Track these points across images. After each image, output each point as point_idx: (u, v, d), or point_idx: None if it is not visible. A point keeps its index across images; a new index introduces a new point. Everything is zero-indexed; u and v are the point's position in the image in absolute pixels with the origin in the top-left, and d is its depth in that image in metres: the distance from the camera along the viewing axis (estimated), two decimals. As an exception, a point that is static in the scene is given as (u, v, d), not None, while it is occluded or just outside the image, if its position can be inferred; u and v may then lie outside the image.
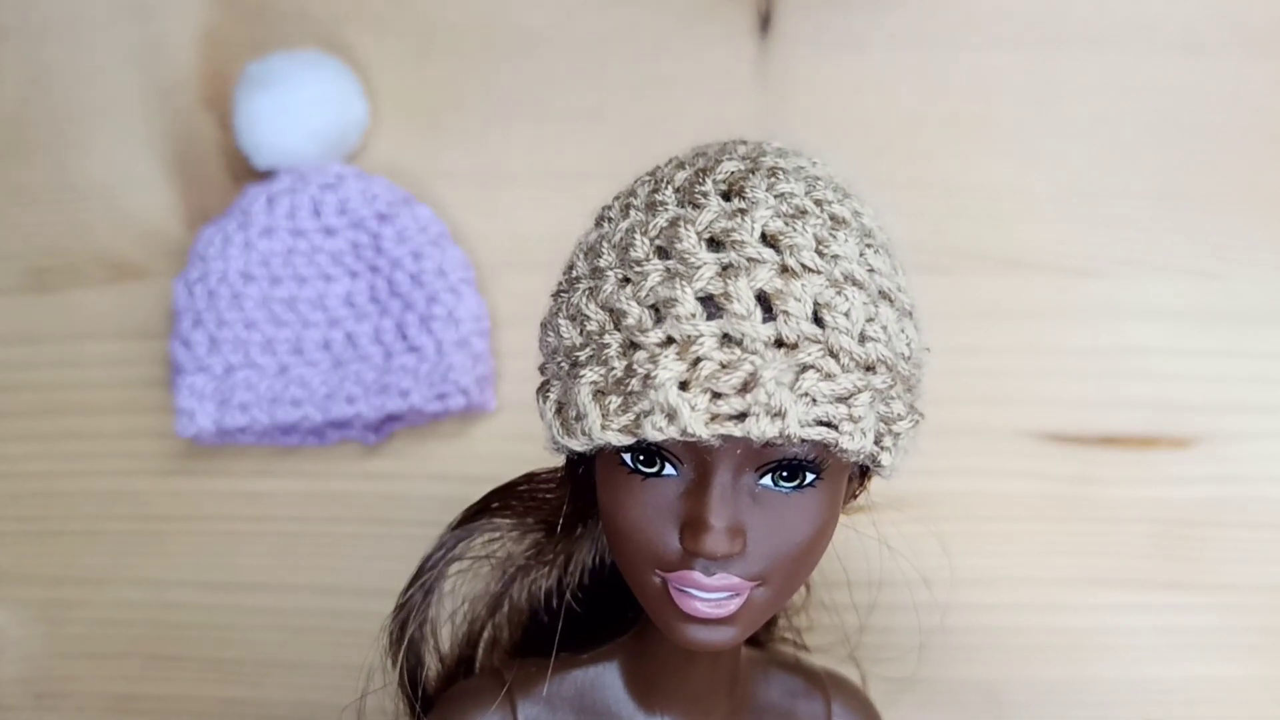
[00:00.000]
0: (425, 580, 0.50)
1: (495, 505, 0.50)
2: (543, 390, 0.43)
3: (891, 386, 0.41)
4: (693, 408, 0.37)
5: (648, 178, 0.44)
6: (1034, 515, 0.63)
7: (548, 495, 0.49)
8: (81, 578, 0.68)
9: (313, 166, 0.64)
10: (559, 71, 0.66)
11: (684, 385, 0.38)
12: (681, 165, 0.44)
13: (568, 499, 0.46)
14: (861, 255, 0.41)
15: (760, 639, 0.54)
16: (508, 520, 0.50)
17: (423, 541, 0.66)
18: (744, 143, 0.45)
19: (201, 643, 0.67)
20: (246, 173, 0.66)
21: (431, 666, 0.51)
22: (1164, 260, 0.64)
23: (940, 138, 0.64)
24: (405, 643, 0.50)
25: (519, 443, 0.65)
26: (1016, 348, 0.64)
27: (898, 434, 0.41)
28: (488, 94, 0.66)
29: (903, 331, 0.42)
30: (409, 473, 0.66)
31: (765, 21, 0.65)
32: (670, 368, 0.38)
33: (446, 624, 0.52)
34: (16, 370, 0.68)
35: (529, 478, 0.50)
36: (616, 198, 0.45)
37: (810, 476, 0.40)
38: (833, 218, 0.41)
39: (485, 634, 0.52)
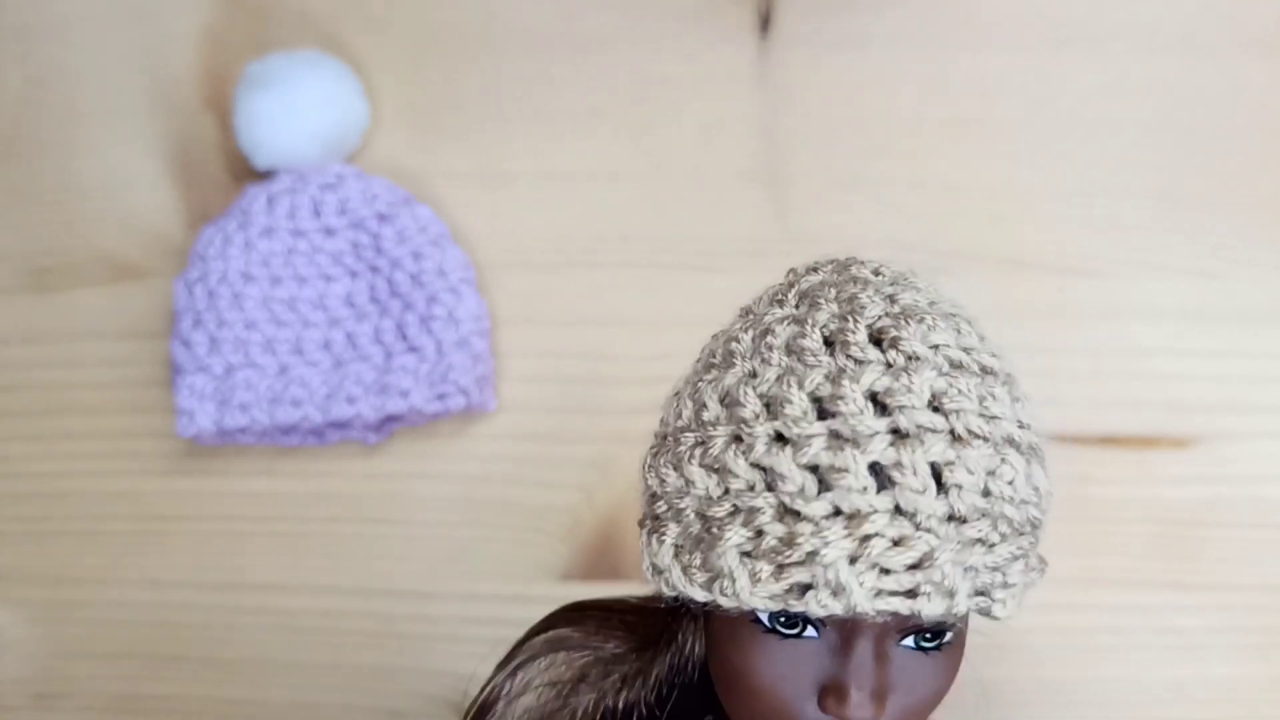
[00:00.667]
0: (491, 707, 0.48)
1: (575, 619, 0.48)
2: (655, 531, 0.40)
3: (1034, 544, 0.40)
4: (861, 585, 0.36)
5: (780, 314, 0.41)
6: (1034, 515, 0.63)
7: (626, 619, 0.47)
8: (82, 578, 0.68)
9: (313, 166, 0.64)
10: (559, 71, 0.66)
11: (852, 560, 0.36)
12: (815, 302, 0.41)
13: (669, 635, 0.45)
14: (1014, 411, 0.40)
15: None
16: (579, 637, 0.48)
17: (422, 541, 0.66)
18: (863, 264, 0.43)
19: (201, 643, 0.67)
20: (247, 173, 0.66)
21: None
22: (1164, 260, 0.64)
23: (940, 138, 0.64)
24: None
25: (519, 443, 0.65)
26: (1016, 348, 0.63)
27: (1030, 584, 0.40)
28: (488, 94, 0.66)
29: (1049, 487, 0.41)
30: (409, 473, 0.66)
31: (765, 21, 0.65)
32: (840, 544, 0.36)
33: None
34: (16, 370, 0.68)
35: (618, 601, 0.48)
36: (744, 330, 0.42)
37: (950, 635, 0.40)
38: (983, 369, 0.39)
39: None
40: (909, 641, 0.39)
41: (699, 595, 0.38)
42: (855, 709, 0.38)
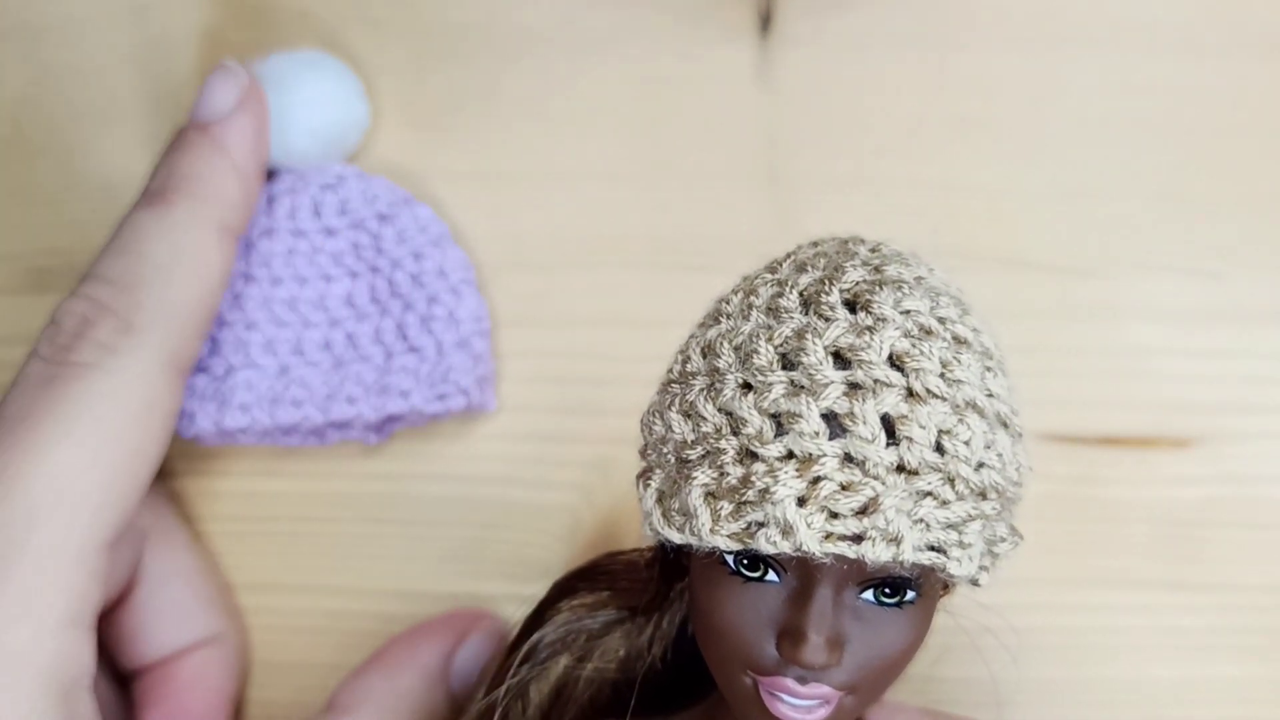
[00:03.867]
0: (508, 686, 0.50)
1: (574, 589, 0.51)
2: (644, 477, 0.43)
3: (1000, 511, 0.41)
4: (809, 525, 0.38)
5: (770, 277, 0.44)
6: (1034, 515, 0.63)
7: (626, 581, 0.50)
8: (82, 578, 0.68)
9: (313, 167, 0.64)
10: (559, 71, 0.66)
11: (802, 501, 0.38)
12: (803, 267, 0.43)
13: (657, 581, 0.47)
14: (982, 379, 0.41)
15: None
16: (586, 603, 0.50)
17: (423, 541, 0.66)
18: (862, 241, 0.45)
19: (202, 643, 0.67)
20: (247, 173, 0.66)
21: None
22: (1164, 260, 0.64)
23: (940, 138, 0.64)
24: None
25: (519, 443, 0.65)
26: (1016, 348, 0.63)
27: (998, 555, 0.42)
28: (488, 94, 0.66)
29: (1015, 456, 0.42)
30: (409, 473, 0.66)
31: (765, 21, 0.65)
32: (790, 484, 0.38)
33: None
34: (16, 370, 0.68)
35: (609, 557, 0.51)
36: (735, 292, 0.45)
37: (911, 594, 0.41)
38: (955, 338, 0.41)
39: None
40: (869, 595, 0.41)
41: (675, 537, 0.40)
42: (810, 653, 0.39)
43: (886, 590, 0.41)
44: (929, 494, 0.39)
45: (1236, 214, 0.64)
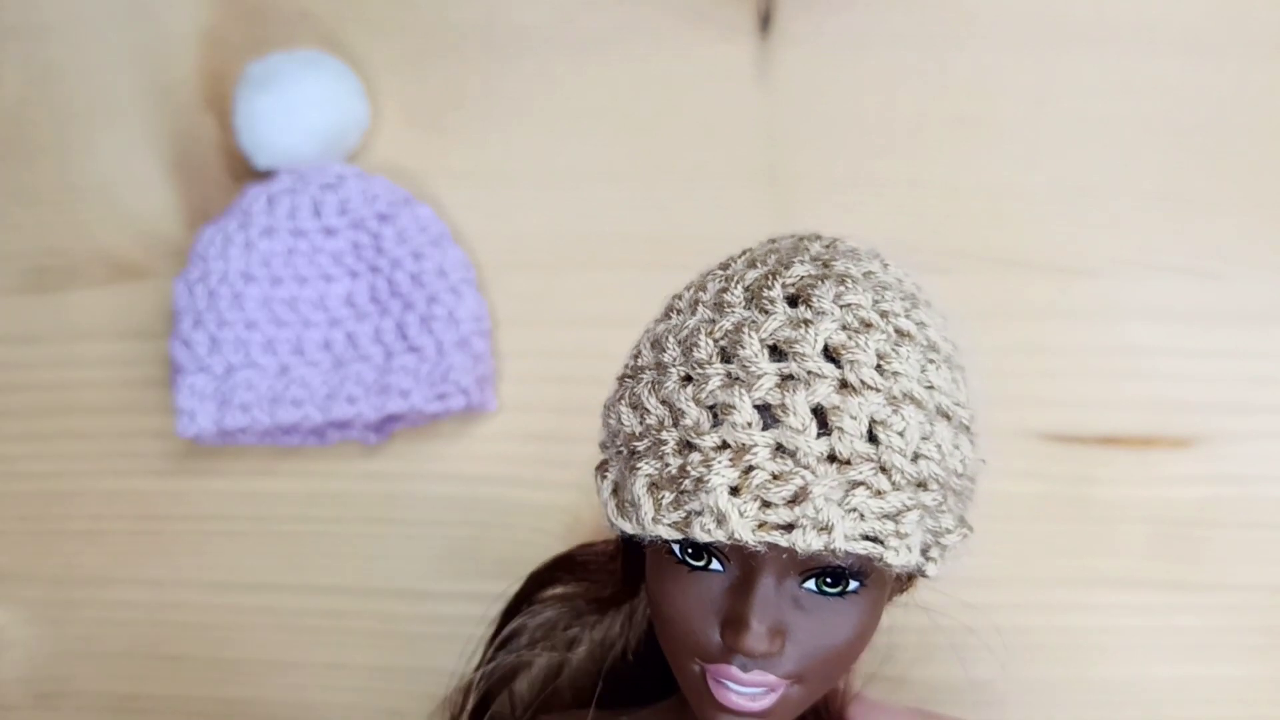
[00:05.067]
0: (486, 668, 0.52)
1: (551, 580, 0.52)
2: (602, 469, 0.44)
3: (942, 503, 0.41)
4: (741, 514, 0.38)
5: (720, 272, 0.45)
6: (1034, 515, 0.63)
7: (597, 572, 0.51)
8: (82, 578, 0.68)
9: (313, 166, 0.64)
10: (559, 71, 0.66)
11: (735, 491, 0.39)
12: (753, 263, 0.44)
13: (621, 571, 0.48)
14: (923, 371, 0.41)
15: None
16: (560, 594, 0.52)
17: (423, 541, 0.66)
18: (818, 239, 0.45)
19: (202, 643, 0.67)
20: (247, 173, 0.66)
21: None
22: (1164, 260, 0.64)
23: (940, 138, 0.64)
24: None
25: (519, 443, 0.65)
26: (1016, 348, 0.64)
27: (945, 546, 0.42)
28: (488, 94, 0.66)
29: (957, 448, 0.42)
30: (409, 473, 0.66)
31: (765, 21, 0.65)
32: (723, 473, 0.39)
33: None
34: (16, 370, 0.68)
35: (582, 548, 0.52)
36: (688, 288, 0.45)
37: (854, 584, 0.41)
38: (898, 331, 0.41)
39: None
40: (811, 585, 0.41)
41: (627, 528, 0.41)
42: (751, 640, 0.40)
43: (828, 580, 0.41)
44: (861, 484, 0.39)
45: (1236, 214, 0.64)
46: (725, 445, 0.39)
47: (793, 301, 0.41)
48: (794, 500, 0.38)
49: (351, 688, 0.66)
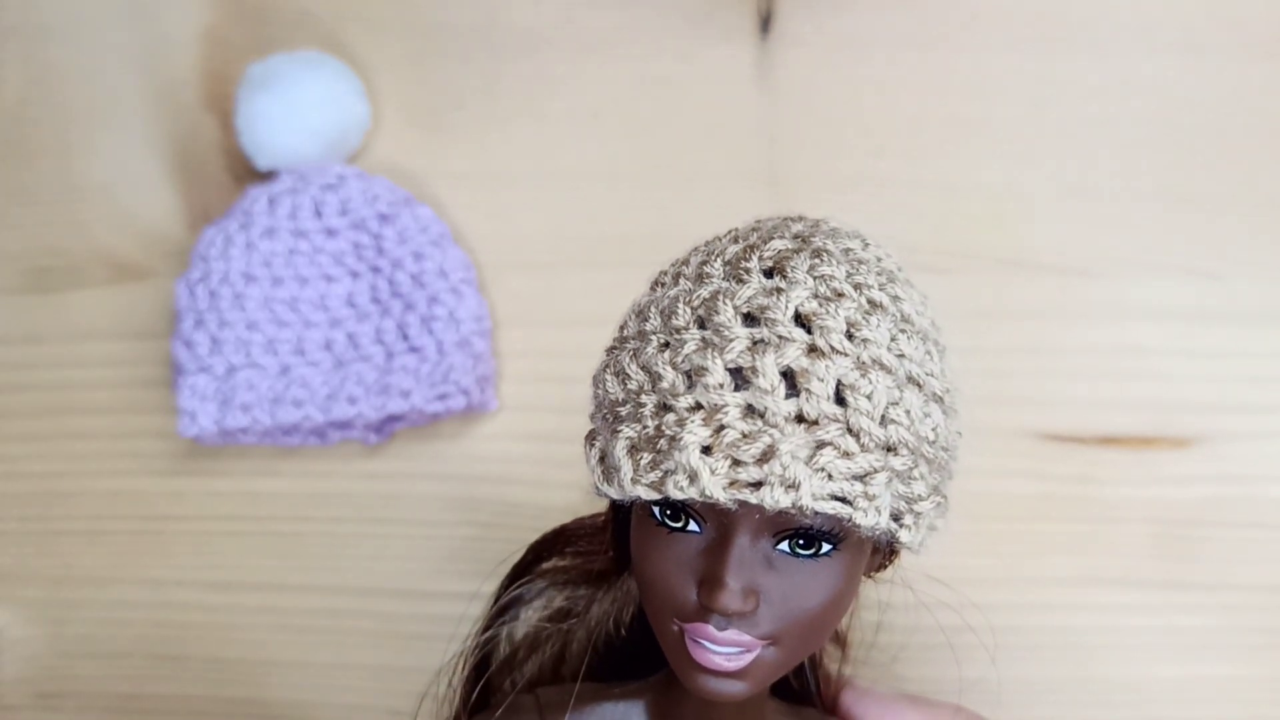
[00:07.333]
0: (483, 639, 0.53)
1: (549, 552, 0.53)
2: (590, 439, 0.45)
3: (913, 468, 0.42)
4: (712, 472, 0.40)
5: (703, 248, 0.46)
6: (1034, 515, 0.63)
7: (591, 545, 0.52)
8: (83, 578, 0.68)
9: (314, 167, 0.64)
10: (559, 71, 0.66)
11: (707, 450, 0.40)
12: (735, 239, 0.45)
13: (612, 541, 0.49)
14: (893, 340, 0.42)
15: (793, 687, 0.54)
16: (558, 566, 0.53)
17: (423, 541, 0.66)
18: (801, 220, 0.46)
19: (202, 643, 0.67)
20: (248, 173, 0.66)
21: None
22: (1164, 260, 0.64)
23: (940, 138, 0.64)
24: (472, 689, 0.52)
25: (520, 442, 0.65)
26: (1016, 348, 0.64)
27: (919, 513, 0.43)
28: (488, 94, 0.66)
29: (928, 416, 0.43)
30: (410, 473, 0.66)
31: (765, 21, 0.65)
32: (695, 432, 0.40)
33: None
34: (17, 370, 0.68)
35: (576, 523, 0.53)
36: (672, 264, 0.47)
37: (827, 546, 0.42)
38: (869, 302, 0.42)
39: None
40: (785, 546, 0.42)
41: (611, 493, 0.42)
42: (726, 598, 0.41)
43: (801, 542, 0.42)
44: (829, 444, 0.40)
45: (1236, 214, 0.64)
46: (699, 406, 0.41)
47: (769, 273, 0.43)
48: (763, 458, 0.39)
49: (351, 688, 0.67)
